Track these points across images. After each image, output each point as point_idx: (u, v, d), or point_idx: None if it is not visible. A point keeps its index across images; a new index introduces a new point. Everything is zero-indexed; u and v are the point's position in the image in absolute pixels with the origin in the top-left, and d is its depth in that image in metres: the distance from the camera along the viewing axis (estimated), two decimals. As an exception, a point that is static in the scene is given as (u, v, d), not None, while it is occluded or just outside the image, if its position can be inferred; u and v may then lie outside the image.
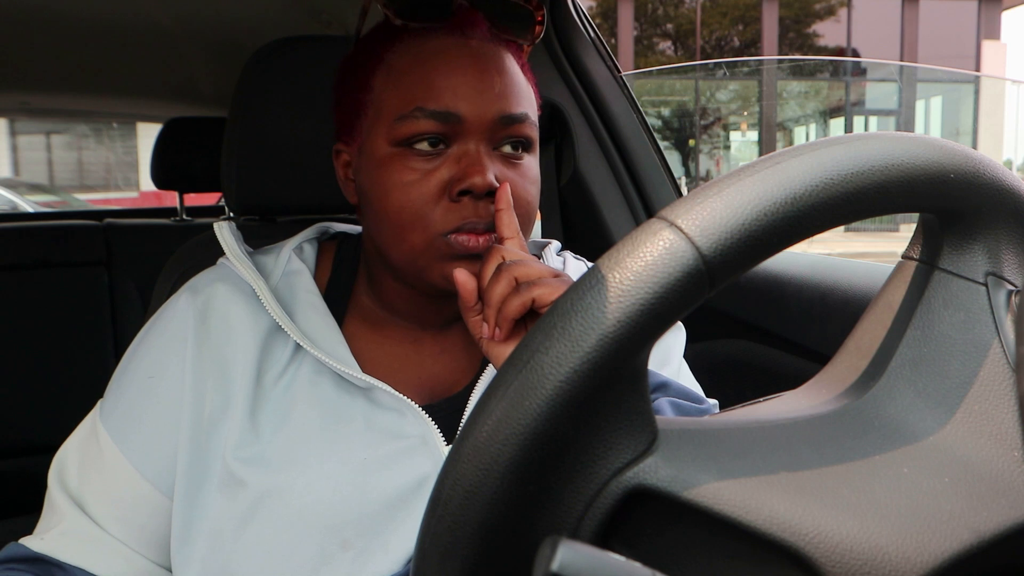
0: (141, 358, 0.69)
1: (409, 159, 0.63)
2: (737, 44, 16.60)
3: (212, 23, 1.49)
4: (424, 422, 0.67)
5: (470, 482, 0.33)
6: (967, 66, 16.09)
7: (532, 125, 0.67)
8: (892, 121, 14.63)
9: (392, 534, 0.64)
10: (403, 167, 0.63)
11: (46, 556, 0.64)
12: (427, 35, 0.65)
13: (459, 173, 0.62)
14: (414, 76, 0.64)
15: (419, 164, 0.63)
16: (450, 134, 0.63)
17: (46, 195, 10.67)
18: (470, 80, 0.63)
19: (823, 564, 0.34)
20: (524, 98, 0.66)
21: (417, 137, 0.63)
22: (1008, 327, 0.41)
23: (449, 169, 0.63)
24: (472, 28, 0.65)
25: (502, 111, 0.64)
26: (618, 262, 0.33)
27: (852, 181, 0.35)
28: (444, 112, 0.62)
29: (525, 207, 0.66)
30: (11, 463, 1.74)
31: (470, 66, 0.64)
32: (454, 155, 0.63)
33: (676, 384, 0.72)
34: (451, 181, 0.63)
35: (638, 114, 1.35)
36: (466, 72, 0.63)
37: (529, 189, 0.67)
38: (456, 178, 0.62)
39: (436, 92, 0.63)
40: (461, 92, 0.63)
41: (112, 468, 0.66)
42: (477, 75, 0.63)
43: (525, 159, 0.67)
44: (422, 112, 0.62)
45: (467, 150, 0.63)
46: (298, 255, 0.74)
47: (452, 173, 0.63)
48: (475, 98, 0.63)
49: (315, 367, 0.67)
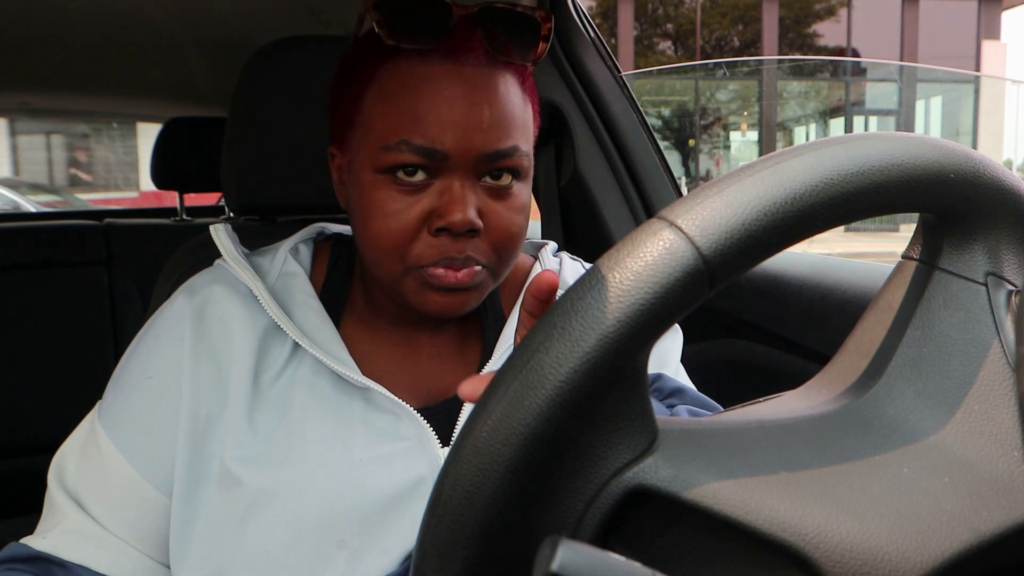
0: (139, 358, 0.69)
1: (392, 188, 0.62)
2: (737, 44, 16.60)
3: (212, 23, 1.49)
4: (420, 425, 0.67)
5: (470, 482, 0.33)
6: (967, 66, 16.09)
7: (523, 156, 0.64)
8: (892, 121, 14.63)
9: (388, 534, 0.64)
10: (385, 196, 0.62)
11: (48, 555, 0.64)
12: (419, 59, 0.62)
13: (440, 209, 0.61)
14: (402, 103, 0.62)
15: (401, 195, 0.62)
16: (434, 168, 0.62)
17: (47, 195, 10.68)
18: (457, 113, 0.61)
19: (823, 564, 0.34)
20: (516, 128, 0.64)
21: (400, 168, 0.62)
22: (1008, 327, 0.41)
23: (431, 202, 0.62)
24: (467, 52, 0.62)
25: (488, 147, 0.62)
26: (618, 262, 0.33)
27: (852, 181, 0.35)
28: (429, 148, 0.61)
29: (509, 239, 0.65)
30: (11, 463, 1.74)
31: (459, 97, 0.61)
32: (437, 189, 0.62)
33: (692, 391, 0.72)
34: (431, 215, 0.62)
35: (638, 114, 1.35)
36: (454, 104, 0.61)
37: (515, 220, 0.65)
38: (436, 213, 0.62)
39: (422, 125, 0.61)
40: (447, 126, 0.61)
41: (111, 467, 0.66)
42: (466, 108, 0.61)
43: (514, 187, 0.65)
44: (407, 146, 0.61)
45: (450, 185, 0.62)
46: (294, 256, 0.74)
47: (433, 207, 0.62)
48: (461, 133, 0.61)
49: (313, 367, 0.67)
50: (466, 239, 0.62)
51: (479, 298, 0.66)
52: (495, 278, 0.67)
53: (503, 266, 0.67)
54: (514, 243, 0.66)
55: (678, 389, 0.72)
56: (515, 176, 0.65)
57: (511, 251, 0.66)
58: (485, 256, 0.64)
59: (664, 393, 0.73)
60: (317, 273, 0.76)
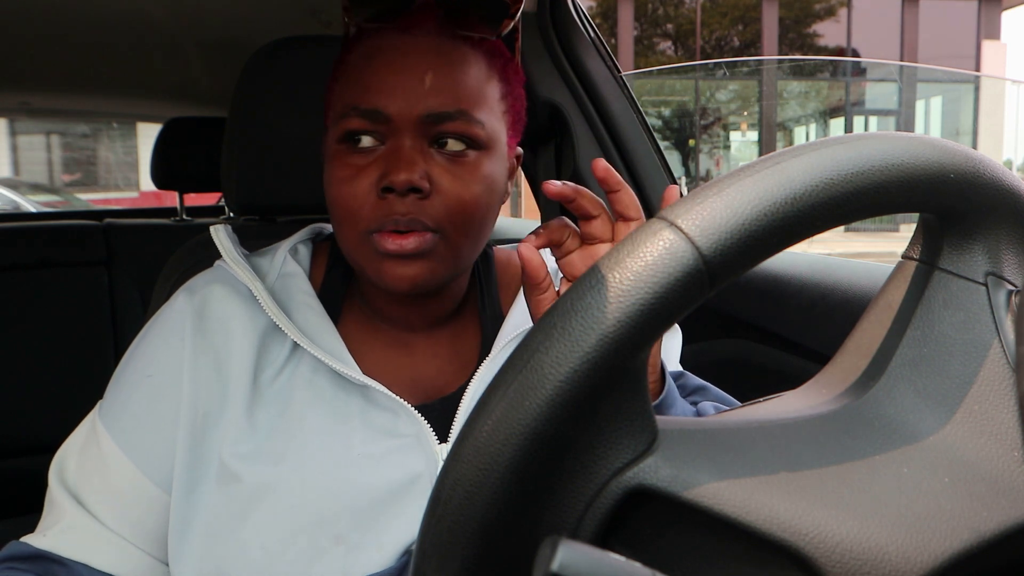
0: (140, 357, 0.70)
1: (347, 156, 0.65)
2: (737, 44, 16.61)
3: (212, 23, 1.49)
4: (418, 422, 0.67)
5: (470, 482, 0.33)
6: (967, 66, 16.09)
7: (474, 122, 0.64)
8: (892, 121, 14.63)
9: (385, 529, 0.64)
10: (342, 163, 0.65)
11: (48, 553, 0.65)
12: (378, 36, 0.66)
13: (385, 170, 0.63)
14: (356, 77, 0.65)
15: (355, 160, 0.64)
16: (384, 132, 0.64)
17: (47, 195, 10.68)
18: (400, 78, 0.63)
19: (823, 564, 0.34)
20: (467, 95, 0.64)
21: (351, 134, 0.64)
22: (1008, 327, 0.41)
23: (379, 166, 0.64)
24: (420, 26, 0.65)
25: (430, 109, 0.63)
26: (618, 262, 0.33)
27: (852, 181, 0.35)
28: (372, 110, 0.63)
29: (461, 205, 0.64)
30: (11, 463, 1.74)
31: (402, 64, 0.64)
32: (385, 152, 0.64)
33: (714, 389, 0.73)
34: (379, 178, 0.63)
35: (638, 114, 1.35)
36: (397, 70, 0.63)
37: (468, 187, 0.64)
38: (382, 175, 0.63)
39: (367, 91, 0.64)
40: (388, 90, 0.63)
41: (112, 465, 0.66)
42: (408, 73, 0.63)
43: (471, 156, 0.65)
44: (356, 111, 0.64)
45: (396, 147, 0.63)
46: (293, 256, 0.74)
47: (381, 170, 0.63)
48: (401, 96, 0.63)
49: (313, 366, 0.68)
50: (412, 201, 0.63)
51: (436, 270, 0.65)
52: (452, 248, 0.65)
53: (460, 236, 0.65)
54: (468, 211, 0.65)
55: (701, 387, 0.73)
56: (471, 145, 0.65)
57: (465, 220, 0.65)
58: (434, 221, 0.63)
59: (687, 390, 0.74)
60: (316, 273, 0.76)
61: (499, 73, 0.68)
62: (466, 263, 0.69)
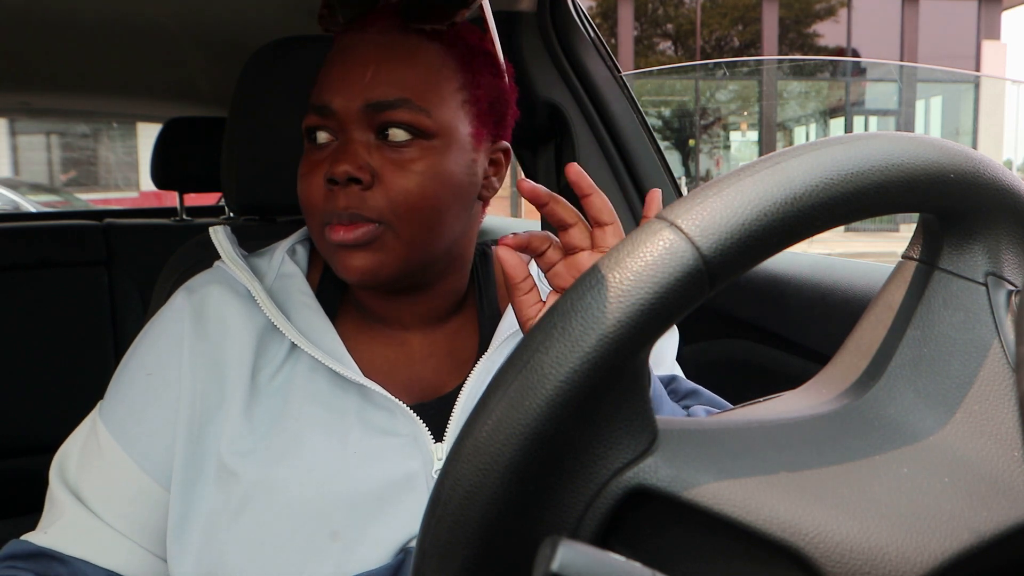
0: (140, 357, 0.70)
1: (309, 152, 0.67)
2: (737, 44, 16.61)
3: (212, 23, 1.49)
4: (414, 421, 0.68)
5: (470, 482, 0.33)
6: (967, 66, 16.09)
7: (417, 111, 0.64)
8: (892, 121, 14.63)
9: (381, 527, 0.65)
10: (305, 160, 0.68)
11: (48, 550, 0.65)
12: (340, 37, 0.68)
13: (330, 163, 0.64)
14: (319, 75, 0.68)
15: (313, 156, 0.67)
16: (334, 127, 0.66)
17: (47, 195, 10.68)
18: (341, 72, 0.65)
19: (823, 564, 0.34)
20: (413, 85, 0.64)
21: (309, 131, 0.67)
22: (1008, 327, 0.41)
23: (328, 161, 0.65)
24: (374, 24, 0.67)
25: (367, 99, 0.64)
26: (618, 262, 0.33)
27: (852, 181, 0.35)
28: (320, 105, 0.65)
29: (404, 197, 0.63)
30: (11, 463, 1.74)
31: (347, 59, 0.66)
32: (335, 147, 0.66)
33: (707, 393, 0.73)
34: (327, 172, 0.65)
35: (638, 114, 1.35)
36: (345, 65, 0.65)
37: (412, 178, 0.63)
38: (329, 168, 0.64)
39: (320, 88, 0.66)
40: (333, 85, 0.65)
41: (112, 463, 0.67)
42: (349, 67, 0.65)
43: (416, 147, 0.64)
44: (311, 107, 0.66)
45: (344, 141, 0.65)
46: (291, 257, 0.75)
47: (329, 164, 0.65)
48: (343, 89, 0.65)
49: (311, 365, 0.68)
50: (355, 193, 0.63)
51: (384, 261, 0.64)
52: (401, 240, 0.64)
53: (407, 227, 0.64)
54: (411, 202, 0.64)
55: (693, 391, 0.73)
56: (417, 135, 0.64)
57: (411, 210, 0.64)
58: (377, 213, 0.63)
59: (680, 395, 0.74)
60: (314, 273, 0.76)
61: (457, 63, 0.67)
62: (427, 256, 0.67)
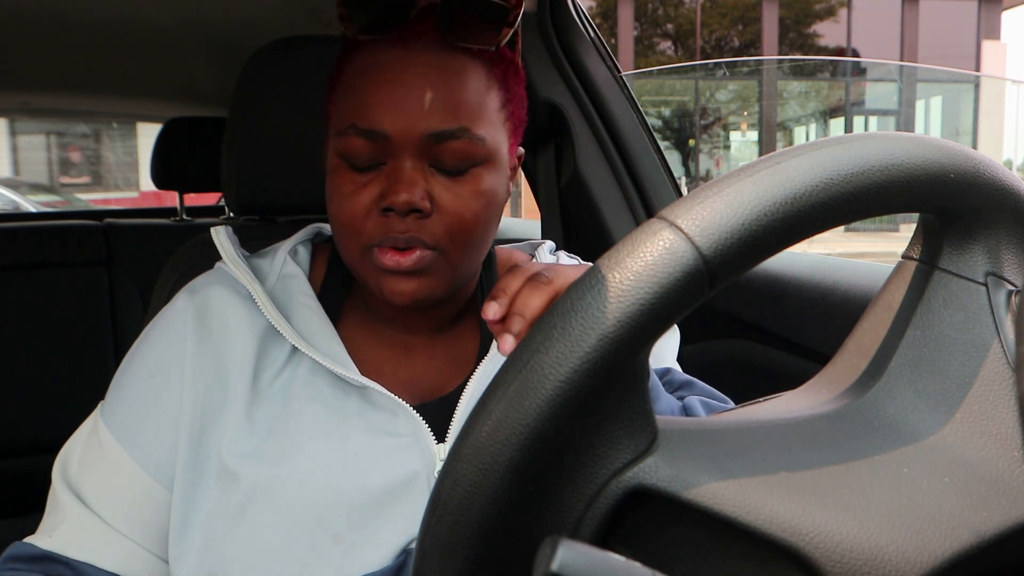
0: (141, 357, 0.70)
1: (348, 172, 0.64)
2: (737, 44, 16.60)
3: (212, 23, 1.49)
4: (416, 422, 0.68)
5: (470, 482, 0.33)
6: (967, 66, 16.08)
7: (475, 140, 0.64)
8: (892, 121, 14.64)
9: (383, 528, 0.64)
10: (343, 179, 0.64)
11: (54, 554, 0.65)
12: (375, 48, 0.64)
13: (386, 189, 0.62)
14: (353, 91, 0.64)
15: (355, 177, 0.64)
16: (383, 150, 0.63)
17: (48, 195, 10.67)
18: (398, 96, 0.62)
19: (823, 564, 0.34)
20: (468, 112, 0.63)
21: (352, 152, 0.64)
22: (1008, 327, 0.41)
23: (380, 185, 0.63)
24: (417, 39, 0.63)
25: (429, 128, 0.62)
26: (618, 262, 0.33)
27: (852, 181, 0.35)
28: (371, 131, 0.62)
29: (461, 223, 0.64)
30: (11, 463, 1.74)
31: (402, 81, 0.62)
32: (386, 171, 0.63)
33: (701, 384, 0.73)
34: (379, 197, 0.63)
35: (638, 114, 1.35)
36: (395, 88, 0.62)
37: (469, 206, 0.64)
38: (383, 194, 0.63)
39: (366, 109, 0.62)
40: (388, 110, 0.62)
41: (114, 464, 0.67)
42: (407, 90, 0.62)
43: (472, 172, 0.64)
44: (354, 130, 0.63)
45: (397, 167, 0.63)
46: (292, 258, 0.75)
47: (381, 189, 0.63)
48: (401, 116, 0.62)
49: (312, 367, 0.68)
50: (412, 220, 0.63)
51: (434, 287, 0.65)
52: (451, 265, 0.65)
53: (459, 252, 0.65)
54: (468, 228, 0.64)
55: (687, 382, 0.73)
56: (472, 162, 0.64)
57: (466, 236, 0.65)
58: (434, 239, 0.63)
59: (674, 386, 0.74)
60: (316, 274, 0.76)
61: (499, 81, 0.67)
62: (465, 277, 0.69)
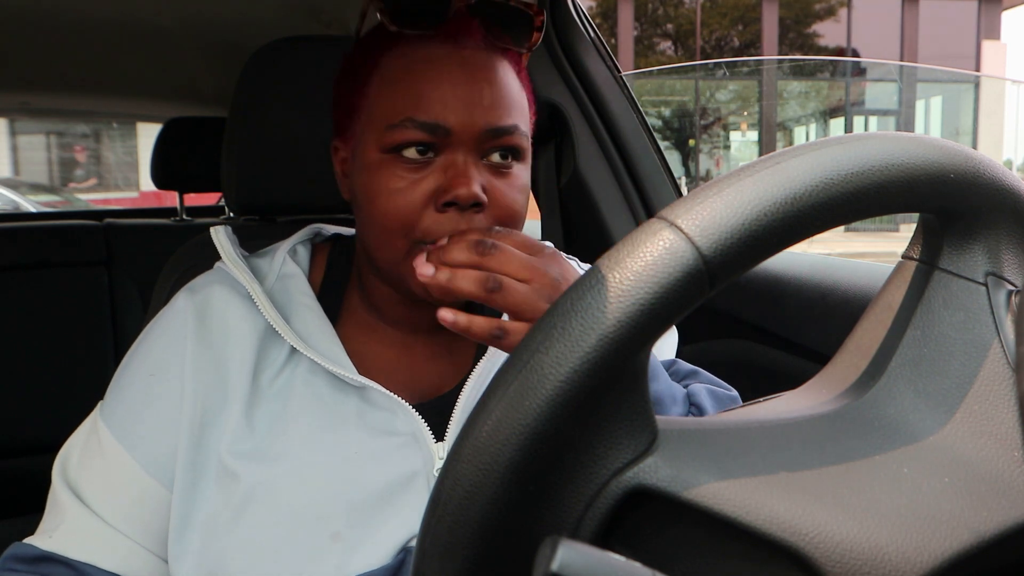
0: (141, 357, 0.70)
1: (397, 167, 0.64)
2: (737, 44, 16.61)
3: (212, 23, 1.49)
4: (415, 420, 0.68)
5: (470, 482, 0.33)
6: (967, 66, 16.08)
7: (522, 136, 0.66)
8: (892, 121, 14.64)
9: (382, 527, 0.65)
10: (391, 174, 0.64)
11: (54, 554, 0.65)
12: (421, 43, 0.65)
13: (445, 184, 0.63)
14: (405, 85, 0.64)
15: (406, 172, 0.63)
16: (438, 144, 0.63)
17: (48, 195, 10.67)
18: (459, 91, 0.63)
19: (823, 564, 0.34)
20: (515, 109, 0.66)
21: (405, 145, 0.63)
22: (1008, 327, 0.41)
23: (436, 179, 0.63)
24: (466, 36, 0.65)
25: (490, 123, 0.63)
26: (618, 262, 0.33)
27: (852, 181, 0.35)
28: (432, 124, 0.62)
29: (511, 216, 0.66)
30: (11, 463, 1.74)
31: (460, 76, 0.63)
32: (441, 165, 0.64)
33: (705, 373, 0.74)
34: (437, 191, 0.63)
35: (638, 114, 1.35)
36: (456, 83, 0.63)
37: (517, 199, 0.66)
38: (442, 188, 0.63)
39: (425, 103, 0.63)
40: (450, 103, 0.63)
41: (114, 464, 0.67)
42: (467, 86, 0.63)
43: (514, 168, 0.66)
44: (412, 123, 0.63)
45: (454, 161, 0.63)
46: (292, 258, 0.75)
47: (438, 183, 0.63)
48: (463, 110, 0.63)
49: (311, 367, 0.68)
50: (472, 214, 0.63)
51: None
52: None
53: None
54: (516, 222, 0.67)
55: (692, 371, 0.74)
56: (515, 157, 0.66)
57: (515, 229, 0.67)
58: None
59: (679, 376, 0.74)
60: (315, 274, 0.76)
61: (525, 82, 0.69)
62: None
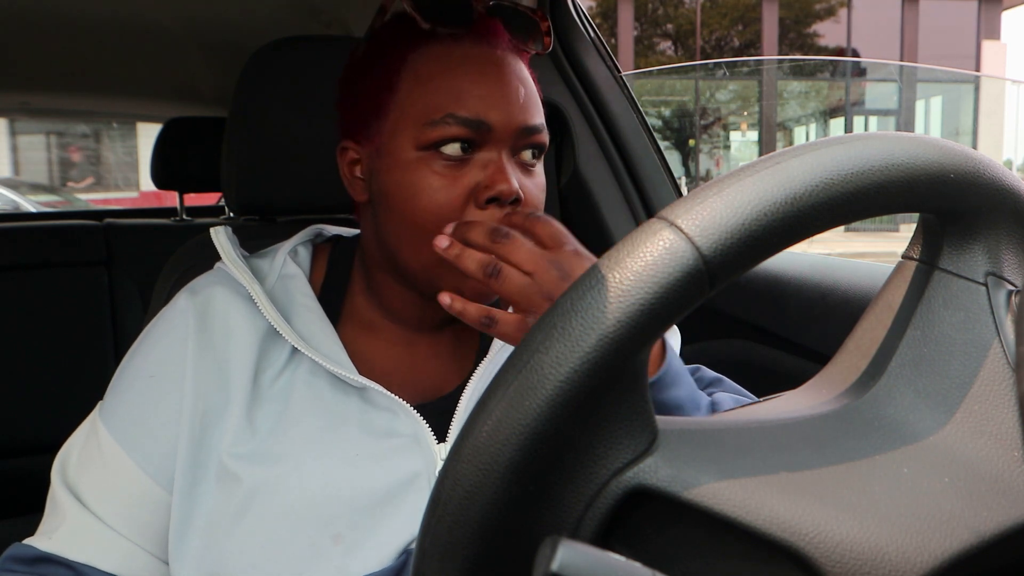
0: (142, 357, 0.70)
1: (436, 164, 0.64)
2: (737, 44, 16.61)
3: (212, 23, 1.49)
4: (416, 421, 0.68)
5: (470, 482, 0.33)
6: (967, 66, 16.08)
7: (546, 135, 0.69)
8: (892, 121, 14.64)
9: (383, 528, 0.64)
10: (429, 171, 0.64)
11: (53, 555, 0.65)
12: (453, 42, 0.66)
13: (486, 180, 0.64)
14: (444, 83, 0.64)
15: (446, 170, 0.64)
16: (478, 141, 0.64)
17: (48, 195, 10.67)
18: (499, 89, 0.65)
19: (823, 564, 0.34)
20: (540, 109, 0.69)
21: (445, 142, 0.64)
22: (1008, 327, 0.41)
23: (475, 176, 0.64)
24: (496, 37, 0.67)
25: (525, 121, 0.66)
26: (618, 262, 0.33)
27: (852, 181, 0.35)
28: (475, 120, 0.64)
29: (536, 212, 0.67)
30: (11, 463, 1.74)
31: (498, 75, 0.65)
32: (479, 162, 0.65)
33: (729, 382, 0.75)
34: (477, 188, 0.64)
35: (638, 114, 1.35)
36: (495, 81, 0.65)
37: (540, 196, 0.68)
38: (483, 185, 0.64)
39: (467, 100, 0.64)
40: (491, 101, 0.64)
41: (114, 465, 0.67)
42: (505, 85, 0.65)
43: (537, 166, 0.69)
44: (453, 119, 0.63)
45: (492, 158, 0.65)
46: (293, 258, 0.75)
47: (478, 180, 0.64)
48: (503, 107, 0.64)
49: (312, 368, 0.68)
50: (504, 212, 0.64)
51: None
52: None
53: None
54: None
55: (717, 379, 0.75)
56: (537, 155, 0.69)
57: None
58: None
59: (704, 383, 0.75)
60: (316, 275, 0.76)
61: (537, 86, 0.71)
62: None
